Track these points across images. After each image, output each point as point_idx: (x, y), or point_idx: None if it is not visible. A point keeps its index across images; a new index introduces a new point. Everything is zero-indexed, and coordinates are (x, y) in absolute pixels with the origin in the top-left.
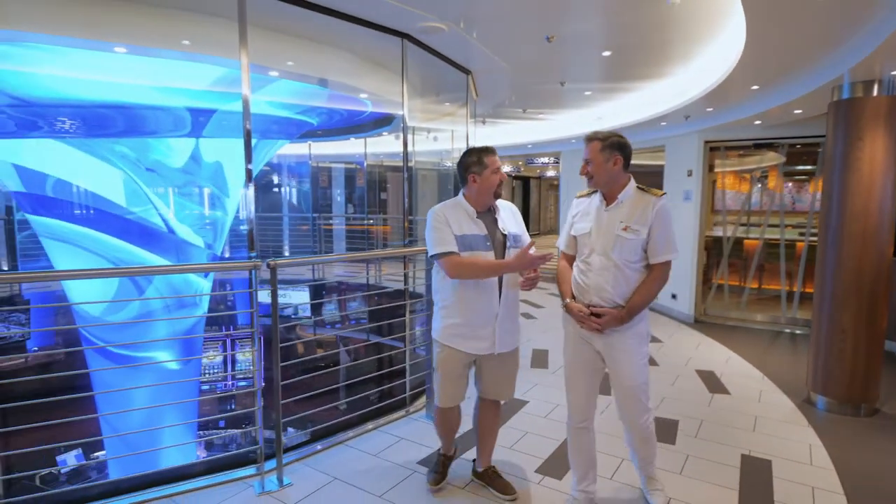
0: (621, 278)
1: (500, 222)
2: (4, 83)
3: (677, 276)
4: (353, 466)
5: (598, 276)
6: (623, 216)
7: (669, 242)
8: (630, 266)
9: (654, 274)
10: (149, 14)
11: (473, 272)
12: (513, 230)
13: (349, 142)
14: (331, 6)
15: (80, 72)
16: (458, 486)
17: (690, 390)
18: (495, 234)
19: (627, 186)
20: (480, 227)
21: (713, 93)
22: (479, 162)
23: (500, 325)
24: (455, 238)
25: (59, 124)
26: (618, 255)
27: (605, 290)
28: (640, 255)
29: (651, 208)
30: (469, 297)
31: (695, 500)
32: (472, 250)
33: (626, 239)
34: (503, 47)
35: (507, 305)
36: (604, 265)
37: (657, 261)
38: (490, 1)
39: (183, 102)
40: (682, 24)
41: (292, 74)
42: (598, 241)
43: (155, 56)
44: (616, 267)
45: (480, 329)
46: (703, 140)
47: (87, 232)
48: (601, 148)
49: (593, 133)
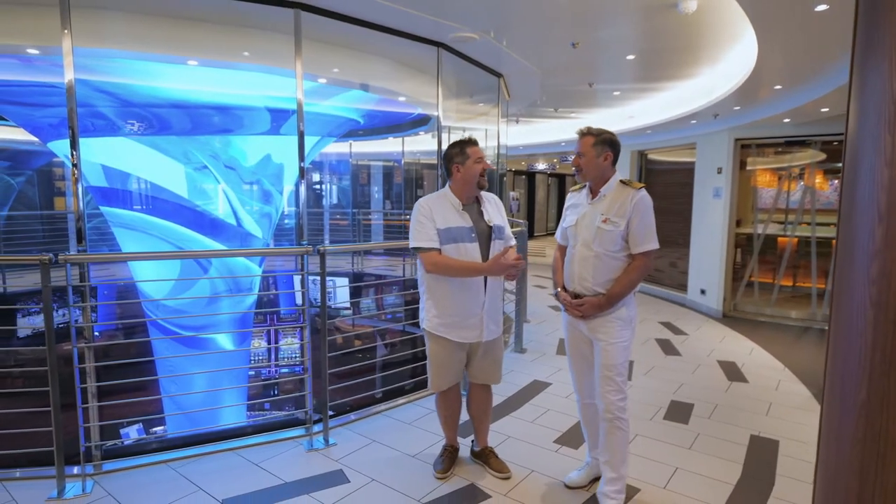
0: (601, 267)
1: (485, 214)
2: (125, 91)
3: (706, 272)
4: (390, 432)
5: (579, 265)
6: (604, 209)
7: (648, 233)
8: (611, 256)
9: (635, 263)
10: (214, 31)
11: (448, 272)
12: (497, 222)
13: (387, 141)
14: (374, 21)
15: (195, 84)
16: (460, 464)
17: (709, 378)
18: (480, 225)
19: (611, 180)
20: (466, 218)
21: (738, 92)
22: (462, 152)
23: (486, 314)
24: (438, 232)
25: (156, 125)
26: (598, 246)
27: (586, 279)
28: (620, 245)
29: (630, 201)
30: (457, 289)
31: (700, 470)
32: (457, 242)
33: (605, 230)
34: (532, 53)
35: (491, 295)
36: (584, 255)
37: (637, 251)
38: (518, 12)
39: (265, 104)
40: (705, 28)
41: (337, 80)
42: (581, 233)
43: (219, 67)
44: (596, 257)
45: (469, 319)
46: (734, 138)
47: (159, 221)
48: (594, 143)
49: (587, 128)
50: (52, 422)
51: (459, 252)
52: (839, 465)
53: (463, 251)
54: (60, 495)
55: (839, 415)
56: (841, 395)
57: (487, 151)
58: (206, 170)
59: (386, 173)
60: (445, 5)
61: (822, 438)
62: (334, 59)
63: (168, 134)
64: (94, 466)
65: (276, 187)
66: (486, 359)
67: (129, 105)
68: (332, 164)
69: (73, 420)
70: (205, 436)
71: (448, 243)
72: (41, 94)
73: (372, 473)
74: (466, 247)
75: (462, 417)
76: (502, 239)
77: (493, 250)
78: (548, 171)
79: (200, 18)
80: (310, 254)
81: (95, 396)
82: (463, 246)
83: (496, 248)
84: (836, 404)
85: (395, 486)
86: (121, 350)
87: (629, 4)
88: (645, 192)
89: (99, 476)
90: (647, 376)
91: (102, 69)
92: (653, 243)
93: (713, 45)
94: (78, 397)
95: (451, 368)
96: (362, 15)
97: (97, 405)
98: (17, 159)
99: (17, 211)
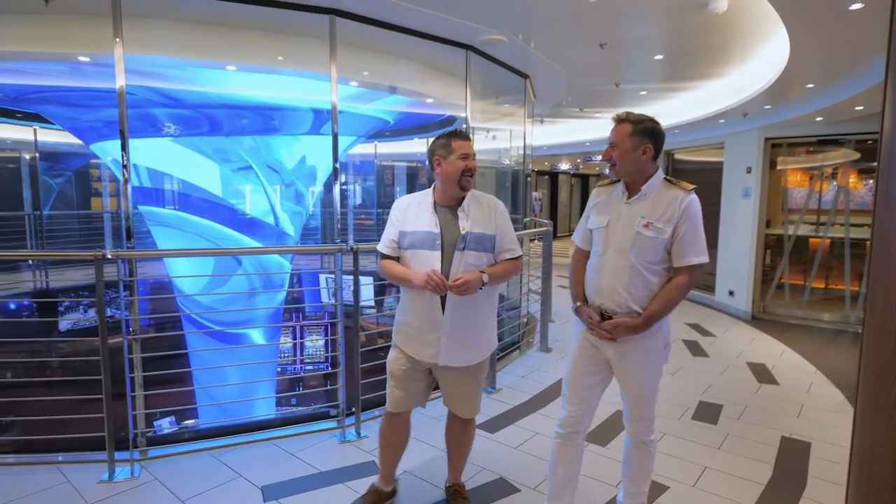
0: (638, 281)
1: (461, 219)
2: (176, 95)
3: (734, 273)
4: (419, 426)
5: (611, 276)
6: (645, 211)
7: (698, 244)
8: (649, 268)
9: (679, 279)
10: (251, 37)
11: (391, 278)
12: (476, 230)
13: (412, 141)
14: (405, 25)
15: (240, 88)
16: None
17: (738, 379)
18: (452, 232)
19: (653, 178)
20: (435, 223)
21: (769, 91)
22: (447, 145)
23: (448, 334)
24: (401, 235)
25: (206, 126)
26: (636, 255)
27: (619, 294)
28: (661, 257)
29: (678, 204)
30: (413, 297)
31: (729, 469)
32: (415, 249)
33: (646, 237)
34: (559, 54)
35: (458, 319)
36: (618, 265)
37: (682, 264)
38: (546, 14)
39: (310, 105)
40: (735, 27)
41: (367, 83)
42: (614, 237)
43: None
44: (632, 268)
45: (426, 334)
46: (764, 137)
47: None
48: (631, 132)
49: (625, 114)
50: (105, 410)
51: (417, 260)
52: (874, 452)
53: (421, 259)
54: (111, 478)
55: (873, 403)
56: (875, 386)
57: (513, 152)
58: (249, 170)
59: (410, 174)
60: (475, 9)
61: (856, 426)
62: (365, 63)
63: (217, 134)
64: (140, 452)
65: (307, 188)
66: (457, 387)
67: (180, 107)
68: (357, 165)
69: (123, 408)
70: (240, 426)
71: (409, 248)
72: (88, 99)
73: (403, 465)
74: (426, 255)
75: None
76: (480, 251)
77: (459, 262)
78: (571, 172)
79: (239, 25)
80: (343, 252)
81: (142, 386)
82: (422, 253)
83: (467, 259)
84: (869, 395)
85: (426, 478)
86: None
87: (659, 5)
88: (695, 196)
89: (145, 461)
90: (675, 377)
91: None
92: (702, 255)
93: (743, 45)
94: (128, 387)
95: (405, 387)
96: (394, 20)
97: (143, 394)
98: (58, 161)
99: (57, 210)
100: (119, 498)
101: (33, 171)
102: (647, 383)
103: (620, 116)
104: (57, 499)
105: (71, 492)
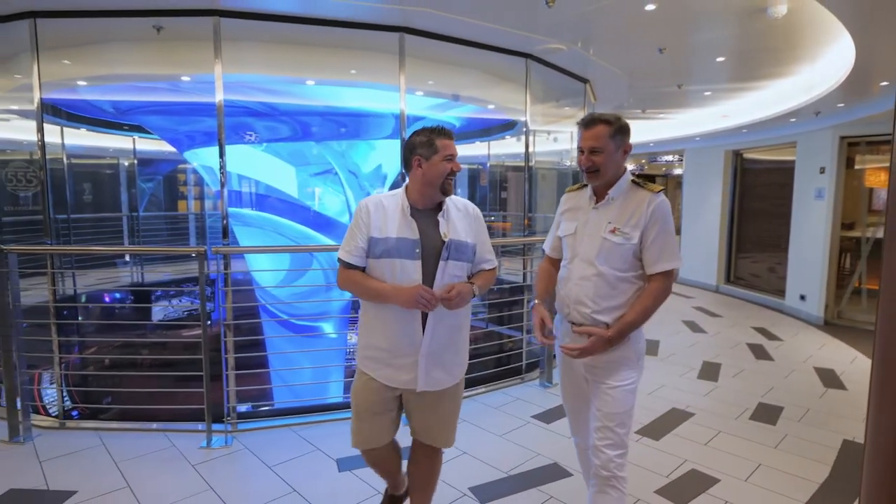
0: (605, 290)
1: (441, 225)
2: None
3: (806, 277)
4: (477, 414)
5: (577, 286)
6: (612, 216)
7: (669, 248)
8: (617, 276)
9: (652, 287)
10: (327, 54)
11: (357, 292)
12: (459, 237)
13: (474, 144)
14: (467, 38)
15: (326, 99)
16: None
17: (803, 383)
18: (431, 239)
19: (621, 180)
20: (413, 228)
21: (840, 90)
22: (429, 143)
23: (427, 357)
24: (372, 242)
25: (300, 132)
26: (602, 263)
27: (584, 304)
28: (630, 264)
29: (646, 206)
30: (386, 315)
31: (784, 468)
32: (392, 258)
33: (612, 243)
34: (619, 59)
35: (439, 335)
36: (584, 274)
37: (655, 270)
38: (604, 24)
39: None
40: (798, 29)
41: (431, 92)
42: (581, 245)
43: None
44: (599, 276)
45: (402, 357)
46: (839, 135)
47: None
48: (611, 133)
49: (598, 115)
50: (204, 387)
51: (394, 270)
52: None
53: (399, 270)
54: (209, 445)
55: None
56: None
57: (573, 153)
58: (328, 174)
59: (471, 176)
60: (534, 21)
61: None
62: (429, 73)
63: (308, 140)
64: (231, 425)
65: (377, 190)
66: (432, 414)
67: (268, 117)
68: None
69: (218, 386)
70: (314, 407)
71: (382, 257)
72: (186, 111)
73: (462, 447)
74: (404, 264)
75: None
76: (461, 260)
77: (442, 273)
78: (636, 172)
79: (317, 44)
80: None
81: (234, 368)
82: (400, 263)
83: (450, 270)
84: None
85: (484, 459)
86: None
87: (716, 11)
88: (664, 197)
89: (236, 433)
90: (735, 378)
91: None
92: (675, 260)
93: (809, 45)
94: (224, 367)
95: (374, 420)
96: (458, 34)
97: (235, 374)
98: (151, 167)
99: (149, 212)
100: (217, 462)
101: (130, 176)
102: (619, 400)
103: (594, 118)
104: (166, 459)
105: (177, 454)
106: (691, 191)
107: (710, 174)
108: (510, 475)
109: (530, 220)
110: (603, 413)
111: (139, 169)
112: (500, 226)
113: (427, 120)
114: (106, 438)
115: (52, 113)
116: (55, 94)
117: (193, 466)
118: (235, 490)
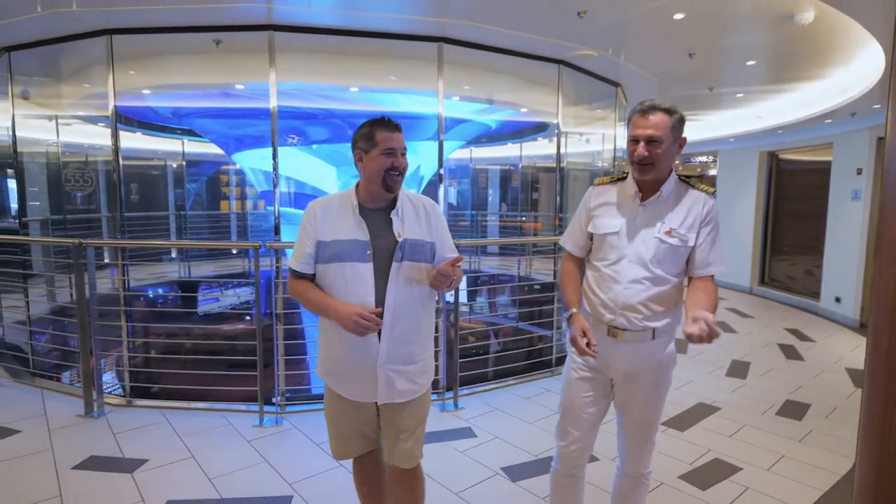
0: (658, 295)
1: (395, 224)
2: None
3: (842, 279)
4: (509, 403)
5: (627, 290)
6: (666, 215)
7: (720, 251)
8: (667, 280)
9: (711, 286)
10: (369, 62)
11: (303, 304)
12: (414, 236)
13: (506, 146)
14: (502, 46)
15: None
16: None
17: (832, 383)
18: (384, 239)
19: (671, 176)
20: (362, 229)
21: (874, 91)
22: (369, 136)
23: (385, 367)
24: (320, 246)
25: None
26: (658, 266)
27: (636, 310)
28: (681, 268)
29: (701, 207)
30: (341, 329)
31: (807, 459)
32: (342, 261)
33: (669, 245)
34: (649, 64)
35: (398, 341)
36: (636, 276)
37: (704, 273)
38: (634, 31)
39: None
40: (827, 34)
41: (466, 96)
42: (630, 245)
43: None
44: (654, 280)
45: (361, 371)
46: (877, 136)
47: None
48: (672, 124)
49: (657, 103)
50: (258, 371)
51: (345, 275)
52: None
53: (350, 273)
54: (261, 424)
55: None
56: None
57: (605, 154)
58: None
59: (503, 177)
60: (566, 30)
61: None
62: (465, 78)
63: (349, 142)
64: (280, 407)
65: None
66: (391, 427)
67: (321, 119)
68: (453, 169)
69: (270, 372)
70: None
71: (331, 262)
72: (237, 116)
73: (495, 432)
74: (355, 268)
75: None
76: (418, 261)
77: (397, 276)
78: None
79: (360, 53)
80: None
81: (283, 355)
82: (351, 266)
83: (405, 272)
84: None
85: (515, 443)
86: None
87: (744, 18)
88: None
89: (285, 415)
90: (764, 377)
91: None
92: (723, 264)
93: (840, 48)
94: (275, 355)
95: (349, 432)
96: (493, 43)
97: (284, 359)
98: (197, 168)
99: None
100: (269, 438)
101: (177, 177)
102: (655, 408)
103: (653, 105)
104: (224, 435)
105: (233, 431)
106: (725, 192)
107: (745, 175)
108: (539, 458)
109: (561, 220)
110: (641, 422)
111: (188, 170)
112: (532, 226)
113: (467, 123)
114: (169, 416)
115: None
116: (122, 101)
117: (249, 442)
118: (287, 463)
